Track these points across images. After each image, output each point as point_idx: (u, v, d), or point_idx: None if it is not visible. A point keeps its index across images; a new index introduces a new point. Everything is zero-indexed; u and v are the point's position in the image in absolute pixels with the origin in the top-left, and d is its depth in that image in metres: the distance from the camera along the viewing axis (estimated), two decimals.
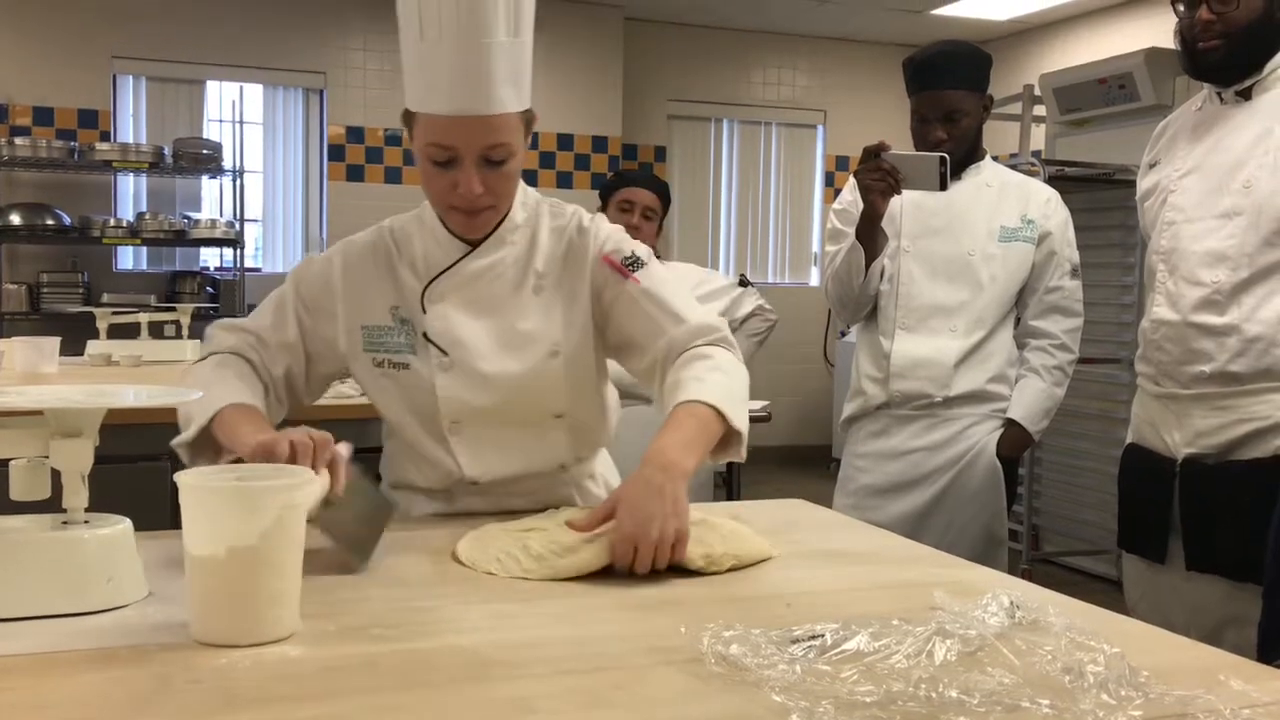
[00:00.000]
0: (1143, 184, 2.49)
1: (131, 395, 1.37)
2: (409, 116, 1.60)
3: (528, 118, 1.61)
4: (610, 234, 1.74)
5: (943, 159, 2.45)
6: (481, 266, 1.69)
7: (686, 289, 1.79)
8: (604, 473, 1.89)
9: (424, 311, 1.68)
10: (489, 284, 1.69)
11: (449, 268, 1.68)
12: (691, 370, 1.61)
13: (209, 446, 1.57)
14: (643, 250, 1.73)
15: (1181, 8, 2.29)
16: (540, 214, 1.74)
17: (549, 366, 1.69)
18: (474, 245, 1.69)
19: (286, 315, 1.72)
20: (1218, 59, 2.25)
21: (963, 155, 2.66)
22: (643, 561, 1.37)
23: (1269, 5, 2.21)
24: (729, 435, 1.58)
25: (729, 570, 1.44)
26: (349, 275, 1.71)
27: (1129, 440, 2.50)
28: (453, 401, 1.67)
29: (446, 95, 1.52)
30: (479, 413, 1.68)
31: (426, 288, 1.68)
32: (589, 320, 1.71)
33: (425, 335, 1.68)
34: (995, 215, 2.69)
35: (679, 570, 1.41)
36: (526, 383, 1.68)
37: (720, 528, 1.52)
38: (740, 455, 1.60)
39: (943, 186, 2.48)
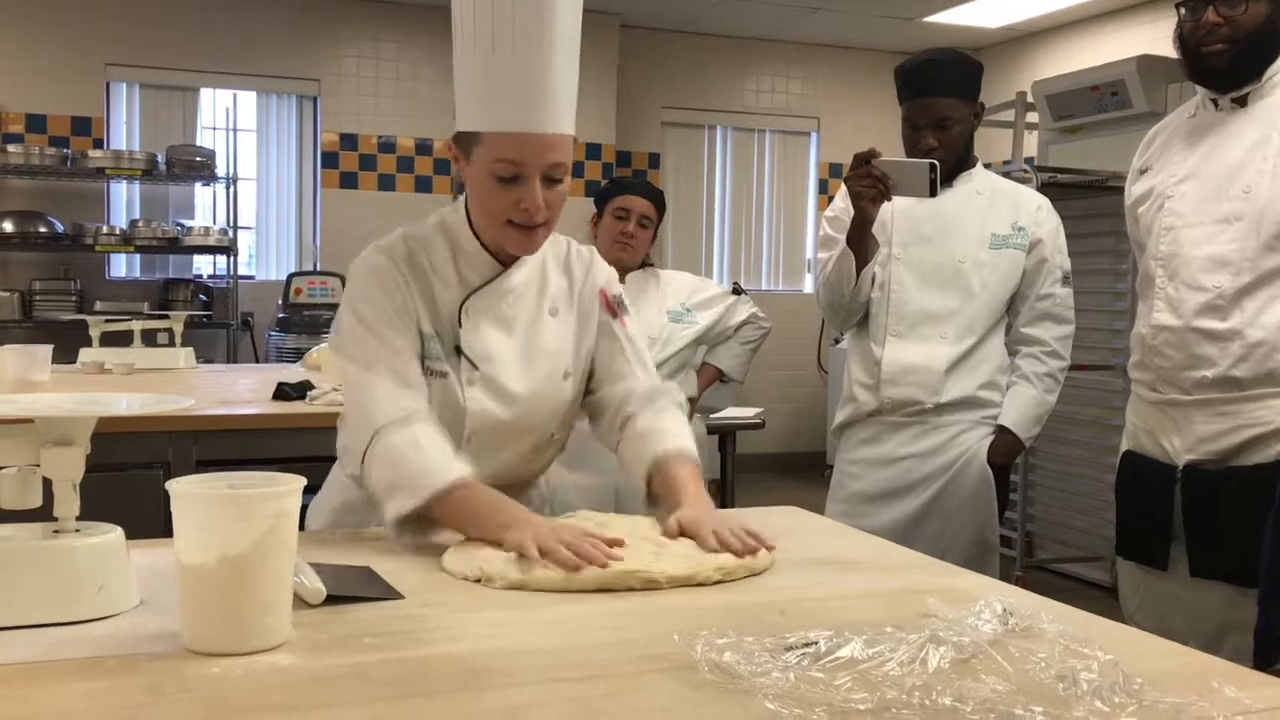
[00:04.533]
0: (1134, 190, 2.49)
1: (124, 404, 1.36)
2: (466, 139, 1.62)
3: (574, 142, 1.65)
4: (607, 273, 1.86)
5: (932, 165, 2.46)
6: (512, 284, 1.74)
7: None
8: (550, 479, 1.98)
9: (460, 325, 1.70)
10: (515, 302, 1.74)
11: (486, 283, 1.72)
12: (665, 422, 1.77)
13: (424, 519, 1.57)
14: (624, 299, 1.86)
15: (1185, 11, 2.29)
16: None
17: (561, 387, 1.77)
18: (505, 264, 1.73)
19: (406, 351, 1.66)
20: (1222, 63, 2.25)
21: (954, 163, 2.66)
22: (734, 538, 1.49)
23: (1272, 11, 2.22)
24: None
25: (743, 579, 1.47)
26: (406, 282, 1.69)
27: (1125, 447, 2.50)
28: (479, 415, 1.71)
29: (517, 111, 1.57)
30: (497, 426, 1.73)
31: (465, 301, 1.71)
32: (591, 349, 1.81)
33: (457, 348, 1.70)
34: (986, 222, 2.69)
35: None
36: (541, 401, 1.75)
37: None
38: None
39: (932, 193, 2.48)
